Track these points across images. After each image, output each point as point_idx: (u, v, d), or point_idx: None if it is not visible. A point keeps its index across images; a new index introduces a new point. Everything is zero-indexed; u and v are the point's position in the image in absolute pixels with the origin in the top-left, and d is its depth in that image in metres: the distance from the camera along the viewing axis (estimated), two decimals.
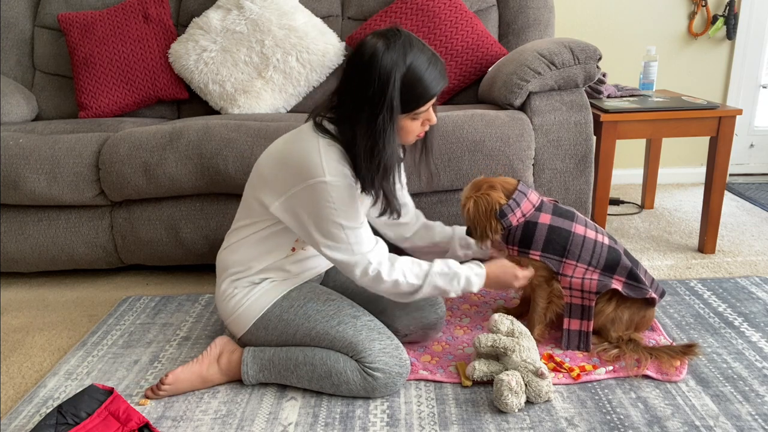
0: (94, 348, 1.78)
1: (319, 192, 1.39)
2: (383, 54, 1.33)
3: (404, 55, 1.34)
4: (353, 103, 1.38)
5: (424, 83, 1.37)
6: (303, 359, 1.50)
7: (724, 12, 2.96)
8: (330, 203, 1.39)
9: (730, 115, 2.19)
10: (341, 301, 1.57)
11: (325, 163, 1.38)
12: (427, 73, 1.36)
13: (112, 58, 2.55)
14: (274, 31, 2.49)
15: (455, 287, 1.51)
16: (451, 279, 1.51)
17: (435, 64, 1.38)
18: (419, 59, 1.35)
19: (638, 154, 3.12)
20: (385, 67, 1.33)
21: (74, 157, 2.08)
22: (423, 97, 1.38)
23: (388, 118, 1.35)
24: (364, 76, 1.35)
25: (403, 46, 1.34)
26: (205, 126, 2.07)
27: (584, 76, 2.04)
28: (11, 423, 1.46)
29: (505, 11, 2.62)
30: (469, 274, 1.53)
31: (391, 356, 1.48)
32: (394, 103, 1.35)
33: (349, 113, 1.39)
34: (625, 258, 1.62)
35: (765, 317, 1.83)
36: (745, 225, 2.61)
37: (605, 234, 1.67)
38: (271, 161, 1.49)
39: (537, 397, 1.44)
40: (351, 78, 1.39)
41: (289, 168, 1.43)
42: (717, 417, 1.39)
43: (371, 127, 1.36)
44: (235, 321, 1.57)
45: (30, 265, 2.22)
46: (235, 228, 1.59)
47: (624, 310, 1.64)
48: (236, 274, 1.56)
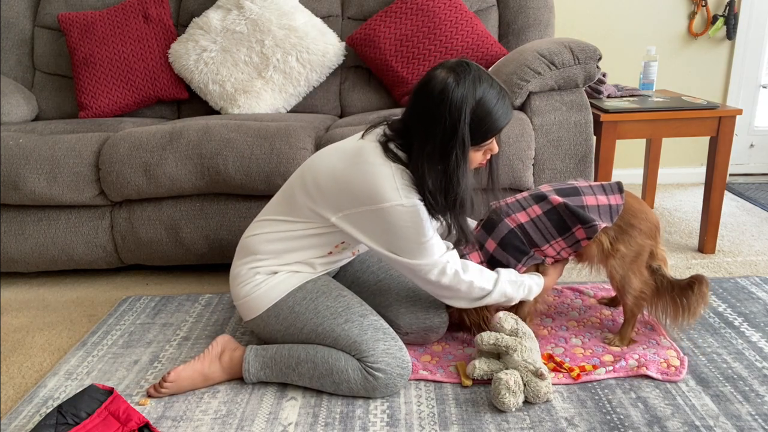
0: (94, 348, 1.78)
1: (397, 214, 1.39)
2: (454, 89, 1.32)
3: (474, 90, 1.33)
4: (424, 137, 1.37)
5: (493, 117, 1.37)
6: (305, 357, 1.51)
7: (724, 12, 2.96)
8: (406, 224, 1.40)
9: (730, 115, 2.19)
10: (351, 298, 1.58)
11: (400, 188, 1.39)
12: (495, 108, 1.36)
13: (112, 58, 2.55)
14: (274, 31, 2.49)
15: (519, 294, 1.58)
16: (518, 287, 1.57)
17: (503, 99, 1.38)
18: (489, 94, 1.35)
19: (638, 154, 3.12)
20: (455, 103, 1.32)
21: (74, 157, 2.08)
22: (491, 131, 1.39)
23: (461, 154, 1.35)
24: (434, 111, 1.34)
25: (473, 81, 1.34)
26: (205, 126, 2.07)
27: (584, 76, 2.04)
28: (11, 423, 1.46)
29: (505, 11, 2.62)
30: (531, 284, 1.59)
31: (393, 357, 1.48)
32: (466, 139, 1.35)
33: (418, 146, 1.38)
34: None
35: (765, 317, 1.82)
36: (745, 225, 2.61)
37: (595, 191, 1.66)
38: (332, 177, 1.46)
39: (535, 397, 1.44)
40: (420, 111, 1.38)
41: (357, 190, 1.42)
42: (717, 417, 1.39)
43: (444, 164, 1.36)
44: (247, 304, 1.58)
45: (30, 265, 2.22)
46: (272, 219, 1.57)
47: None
48: (262, 261, 1.56)
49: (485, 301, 1.54)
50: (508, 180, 2.01)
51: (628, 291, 1.64)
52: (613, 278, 1.65)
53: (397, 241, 1.43)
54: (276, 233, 1.55)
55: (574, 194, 1.62)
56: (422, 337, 1.69)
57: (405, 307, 1.67)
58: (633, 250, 1.62)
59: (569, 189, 1.64)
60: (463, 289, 1.50)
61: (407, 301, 1.68)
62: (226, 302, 2.03)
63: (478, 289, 1.51)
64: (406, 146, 1.42)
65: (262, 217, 1.60)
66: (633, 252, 1.62)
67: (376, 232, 1.44)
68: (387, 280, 1.73)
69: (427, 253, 1.44)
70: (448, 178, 1.37)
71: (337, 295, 1.57)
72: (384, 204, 1.39)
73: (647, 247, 1.64)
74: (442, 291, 1.52)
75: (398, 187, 1.39)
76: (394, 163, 1.41)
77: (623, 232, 1.62)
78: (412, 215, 1.39)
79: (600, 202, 1.61)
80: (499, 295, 1.54)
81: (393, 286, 1.72)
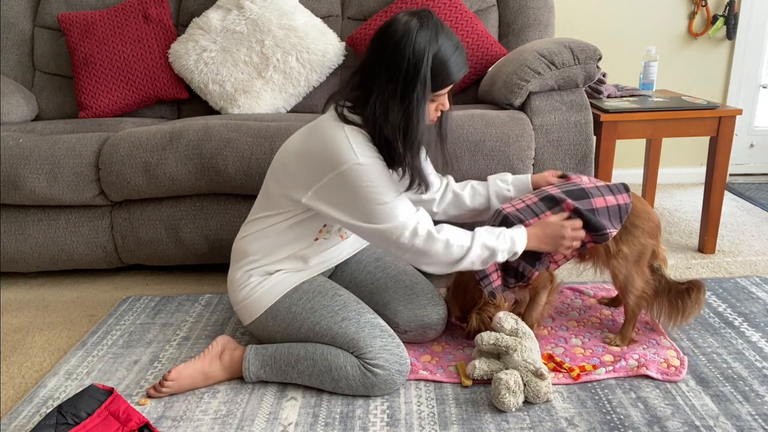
0: (94, 348, 1.78)
1: (355, 175, 1.41)
2: (417, 32, 1.36)
3: (436, 36, 1.38)
4: (385, 80, 1.39)
5: (450, 66, 1.40)
6: (304, 354, 1.51)
7: (724, 12, 2.96)
8: (367, 184, 1.42)
9: (730, 115, 2.19)
10: (348, 297, 1.59)
11: (355, 147, 1.41)
12: (453, 57, 1.41)
13: (112, 58, 2.55)
14: (274, 31, 2.49)
15: (502, 244, 1.50)
16: (497, 235, 1.51)
17: (461, 51, 1.43)
18: (448, 42, 1.40)
19: (638, 154, 3.12)
20: (420, 44, 1.36)
21: (74, 157, 2.08)
22: (447, 80, 1.42)
23: (422, 94, 1.38)
24: (398, 53, 1.37)
25: (435, 27, 1.39)
26: (205, 126, 2.07)
27: (584, 76, 2.04)
28: (11, 423, 1.46)
29: (505, 11, 2.62)
30: (512, 234, 1.53)
31: (391, 354, 1.49)
32: (427, 80, 1.38)
33: (377, 90, 1.41)
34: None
35: (765, 317, 1.82)
36: (745, 225, 2.61)
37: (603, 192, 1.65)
38: (296, 154, 1.50)
39: (535, 397, 1.44)
40: (381, 55, 1.40)
41: (317, 158, 1.45)
42: (717, 417, 1.39)
43: (405, 102, 1.38)
44: (246, 308, 1.60)
45: (30, 265, 2.22)
46: (255, 218, 1.60)
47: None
48: (254, 262, 1.59)
49: (467, 258, 1.47)
50: None
51: (631, 291, 1.64)
52: (616, 278, 1.65)
53: (364, 205, 1.43)
54: (260, 231, 1.58)
55: (582, 197, 1.60)
56: (420, 334, 1.69)
57: (403, 305, 1.67)
58: (636, 250, 1.62)
59: (577, 191, 1.62)
60: (439, 249, 1.46)
61: (405, 298, 1.68)
62: (226, 302, 2.03)
63: (456, 247, 1.46)
64: (361, 103, 1.44)
65: (248, 219, 1.64)
66: (636, 252, 1.62)
67: (342, 202, 1.45)
68: (384, 279, 1.73)
69: (394, 215, 1.44)
70: (408, 117, 1.39)
71: (334, 294, 1.58)
72: (343, 167, 1.41)
73: (650, 246, 1.64)
74: (419, 257, 1.48)
75: (353, 147, 1.41)
76: (347, 125, 1.44)
77: (627, 233, 1.62)
78: (370, 174, 1.41)
79: (609, 203, 1.61)
80: (480, 248, 1.48)
81: (390, 285, 1.72)
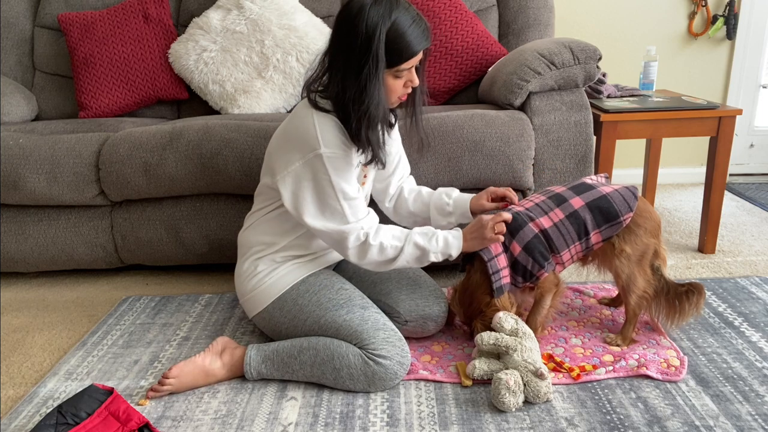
0: (94, 348, 1.78)
1: (317, 165, 1.47)
2: (370, 8, 1.41)
3: (390, 11, 1.41)
4: (342, 58, 1.44)
5: (407, 39, 1.43)
6: (307, 345, 1.54)
7: (724, 12, 2.96)
8: (327, 176, 1.47)
9: (730, 115, 2.19)
10: (353, 291, 1.63)
11: (320, 134, 1.46)
12: (410, 30, 1.43)
13: (112, 58, 2.55)
14: (274, 31, 2.49)
15: (434, 246, 1.56)
16: (430, 238, 1.57)
17: (419, 24, 1.45)
18: (404, 16, 1.43)
19: (638, 154, 3.12)
20: (371, 19, 1.40)
21: (74, 157, 2.08)
22: (406, 53, 1.44)
23: (374, 69, 1.42)
24: (352, 30, 1.42)
25: (389, 2, 1.42)
26: (205, 126, 2.07)
27: (584, 76, 2.04)
28: (11, 423, 1.46)
29: (505, 11, 2.62)
30: (447, 235, 1.58)
31: (393, 345, 1.52)
32: (380, 55, 1.41)
33: (335, 69, 1.47)
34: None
35: (765, 317, 1.82)
36: (745, 225, 2.61)
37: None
38: (275, 142, 1.59)
39: (535, 397, 1.44)
40: (339, 33, 1.46)
41: (289, 145, 1.52)
42: (717, 417, 1.39)
43: (358, 77, 1.43)
44: (253, 298, 1.63)
45: (30, 265, 2.22)
46: (255, 209, 1.67)
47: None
48: (260, 252, 1.63)
49: (399, 259, 1.55)
50: (509, 180, 2.01)
51: (633, 290, 1.64)
52: (618, 278, 1.65)
53: (318, 198, 1.49)
54: (260, 220, 1.64)
55: (588, 189, 1.64)
56: (421, 326, 1.69)
57: (405, 294, 1.70)
58: (639, 250, 1.63)
59: (582, 186, 1.66)
60: (373, 254, 1.54)
61: (407, 289, 1.71)
62: (226, 302, 2.03)
63: (390, 248, 1.54)
64: (329, 80, 1.49)
65: (251, 211, 1.71)
66: (638, 251, 1.63)
67: (299, 193, 1.50)
68: (388, 270, 1.73)
69: (345, 214, 1.49)
70: (360, 90, 1.43)
71: (339, 288, 1.61)
72: (308, 155, 1.47)
73: (652, 246, 1.64)
74: (359, 259, 1.55)
75: (318, 135, 1.46)
76: (317, 111, 1.48)
77: (630, 232, 1.62)
78: (333, 163, 1.46)
79: (615, 188, 1.64)
80: (411, 248, 1.55)
81: (393, 276, 1.75)
